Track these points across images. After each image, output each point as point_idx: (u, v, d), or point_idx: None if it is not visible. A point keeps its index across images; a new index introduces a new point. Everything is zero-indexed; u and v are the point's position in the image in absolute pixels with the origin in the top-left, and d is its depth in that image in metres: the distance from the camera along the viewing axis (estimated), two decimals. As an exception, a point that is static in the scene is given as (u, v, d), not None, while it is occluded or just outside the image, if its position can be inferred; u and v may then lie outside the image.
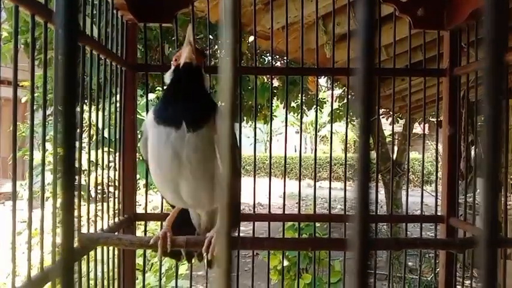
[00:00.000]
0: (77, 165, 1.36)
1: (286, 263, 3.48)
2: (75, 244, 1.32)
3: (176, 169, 1.21)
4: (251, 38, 3.66)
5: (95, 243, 1.30)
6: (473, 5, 1.48)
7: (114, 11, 1.55)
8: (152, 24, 1.76)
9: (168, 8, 1.65)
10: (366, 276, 0.23)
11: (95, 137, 1.51)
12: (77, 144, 1.38)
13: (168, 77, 1.28)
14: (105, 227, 1.47)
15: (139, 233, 1.93)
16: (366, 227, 0.23)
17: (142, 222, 1.85)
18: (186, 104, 1.21)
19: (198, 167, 1.21)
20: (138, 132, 1.82)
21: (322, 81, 6.93)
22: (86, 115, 1.42)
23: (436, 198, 1.72)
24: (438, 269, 1.85)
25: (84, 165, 1.39)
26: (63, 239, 0.27)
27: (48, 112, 1.42)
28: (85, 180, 1.39)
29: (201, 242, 1.28)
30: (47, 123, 1.24)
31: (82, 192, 1.39)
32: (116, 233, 1.52)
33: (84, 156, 1.38)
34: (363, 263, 0.22)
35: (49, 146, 2.56)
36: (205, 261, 1.47)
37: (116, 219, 1.59)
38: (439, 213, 1.73)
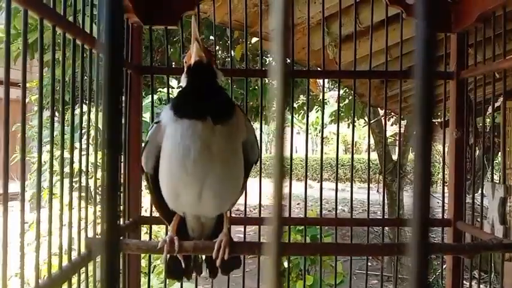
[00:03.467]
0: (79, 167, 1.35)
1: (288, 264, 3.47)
2: (82, 249, 1.31)
3: (205, 163, 1.15)
4: (254, 39, 3.67)
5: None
6: (481, 7, 1.48)
7: (120, 13, 1.54)
8: (158, 27, 1.76)
9: (174, 11, 1.65)
10: (425, 281, 0.22)
11: (95, 138, 1.50)
12: (80, 145, 1.37)
13: (183, 80, 1.24)
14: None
15: (142, 234, 1.92)
16: (426, 232, 0.23)
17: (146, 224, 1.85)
18: (207, 100, 1.18)
19: (228, 160, 1.18)
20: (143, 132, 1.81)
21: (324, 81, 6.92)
22: (85, 117, 1.40)
23: (443, 201, 1.71)
24: (439, 271, 1.85)
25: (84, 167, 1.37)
26: (107, 215, 0.26)
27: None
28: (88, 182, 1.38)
29: (209, 247, 1.26)
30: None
31: (83, 194, 1.39)
32: (122, 237, 1.51)
33: (84, 158, 1.36)
34: (422, 268, 0.22)
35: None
36: (208, 271, 1.45)
37: (121, 223, 1.58)
38: (445, 217, 1.73)
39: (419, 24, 0.23)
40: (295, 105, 5.83)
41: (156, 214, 1.65)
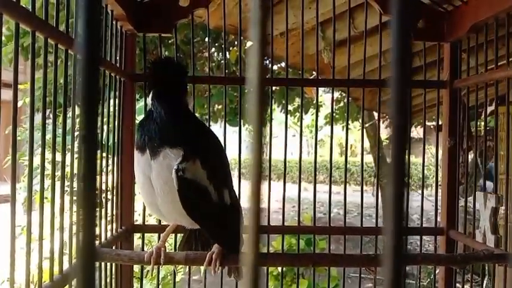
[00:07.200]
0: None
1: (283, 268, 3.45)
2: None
3: (150, 193, 1.20)
4: (249, 43, 3.67)
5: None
6: (474, 18, 1.49)
7: (114, 22, 1.54)
8: (152, 34, 1.76)
9: (168, 18, 1.65)
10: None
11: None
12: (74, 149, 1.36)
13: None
14: (102, 238, 1.45)
15: (136, 239, 1.91)
16: (400, 241, 0.22)
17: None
18: (150, 129, 1.17)
19: (164, 193, 1.18)
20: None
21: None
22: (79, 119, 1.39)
23: (436, 208, 1.72)
24: (435, 272, 1.85)
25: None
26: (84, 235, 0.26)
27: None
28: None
29: (201, 258, 1.26)
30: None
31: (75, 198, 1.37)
32: (114, 247, 1.50)
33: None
34: (397, 278, 0.22)
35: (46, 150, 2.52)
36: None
37: (114, 230, 1.56)
38: (438, 225, 1.74)
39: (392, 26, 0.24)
40: (290, 107, 5.83)
41: (149, 221, 1.64)
